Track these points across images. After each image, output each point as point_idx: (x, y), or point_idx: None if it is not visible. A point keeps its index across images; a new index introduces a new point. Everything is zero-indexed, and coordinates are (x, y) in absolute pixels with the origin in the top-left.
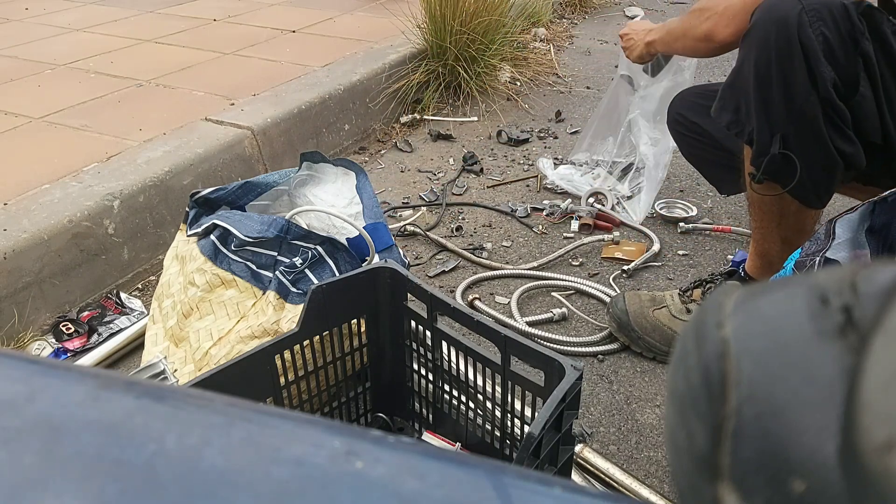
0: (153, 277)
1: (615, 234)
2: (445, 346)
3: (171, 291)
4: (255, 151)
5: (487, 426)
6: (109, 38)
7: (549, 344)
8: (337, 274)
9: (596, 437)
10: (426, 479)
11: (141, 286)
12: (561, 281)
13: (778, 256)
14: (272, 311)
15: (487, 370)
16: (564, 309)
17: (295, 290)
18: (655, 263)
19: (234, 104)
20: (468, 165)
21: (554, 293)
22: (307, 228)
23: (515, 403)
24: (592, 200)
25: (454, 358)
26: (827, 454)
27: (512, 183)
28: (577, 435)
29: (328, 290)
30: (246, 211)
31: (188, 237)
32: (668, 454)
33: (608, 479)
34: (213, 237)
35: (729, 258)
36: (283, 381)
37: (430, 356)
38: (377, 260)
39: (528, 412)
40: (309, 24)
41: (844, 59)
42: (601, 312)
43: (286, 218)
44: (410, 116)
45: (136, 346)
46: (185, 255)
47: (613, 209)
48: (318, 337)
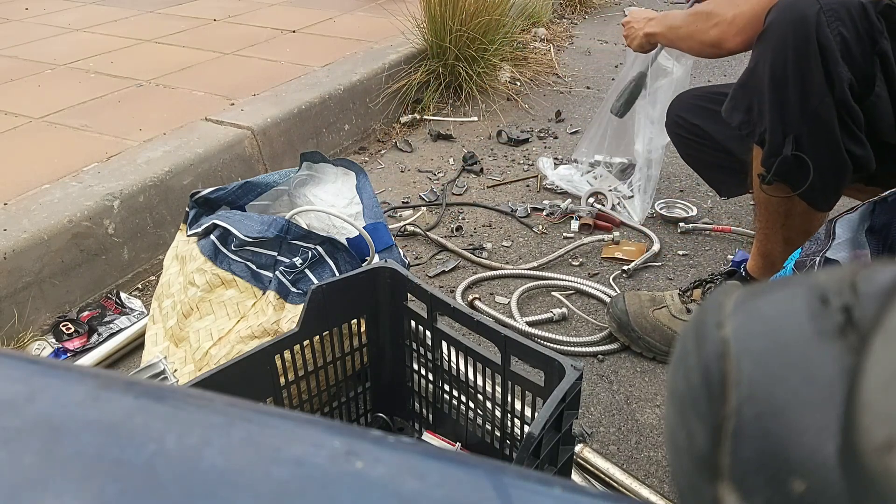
0: (153, 277)
1: (615, 234)
2: (445, 346)
3: (171, 291)
4: (255, 151)
5: (487, 426)
6: (109, 38)
7: (549, 344)
8: (337, 274)
9: (596, 437)
10: (426, 479)
11: (141, 286)
12: (561, 281)
13: (780, 257)
14: (272, 311)
15: (487, 370)
16: (564, 309)
17: (295, 290)
18: (655, 263)
19: (234, 104)
20: (468, 165)
21: (554, 293)
22: (307, 228)
23: (515, 403)
24: (592, 200)
25: (454, 358)
26: (827, 454)
27: (512, 183)
28: (577, 435)
29: (328, 290)
30: (246, 211)
31: (188, 237)
32: (668, 454)
33: (608, 479)
34: (213, 237)
35: (729, 258)
36: (283, 381)
37: (430, 356)
38: (377, 260)
39: (528, 412)
40: (309, 24)
41: (861, 58)
42: (601, 312)
43: (286, 218)
44: (410, 116)
45: (136, 346)
46: (185, 255)
47: (613, 209)
48: (318, 337)
